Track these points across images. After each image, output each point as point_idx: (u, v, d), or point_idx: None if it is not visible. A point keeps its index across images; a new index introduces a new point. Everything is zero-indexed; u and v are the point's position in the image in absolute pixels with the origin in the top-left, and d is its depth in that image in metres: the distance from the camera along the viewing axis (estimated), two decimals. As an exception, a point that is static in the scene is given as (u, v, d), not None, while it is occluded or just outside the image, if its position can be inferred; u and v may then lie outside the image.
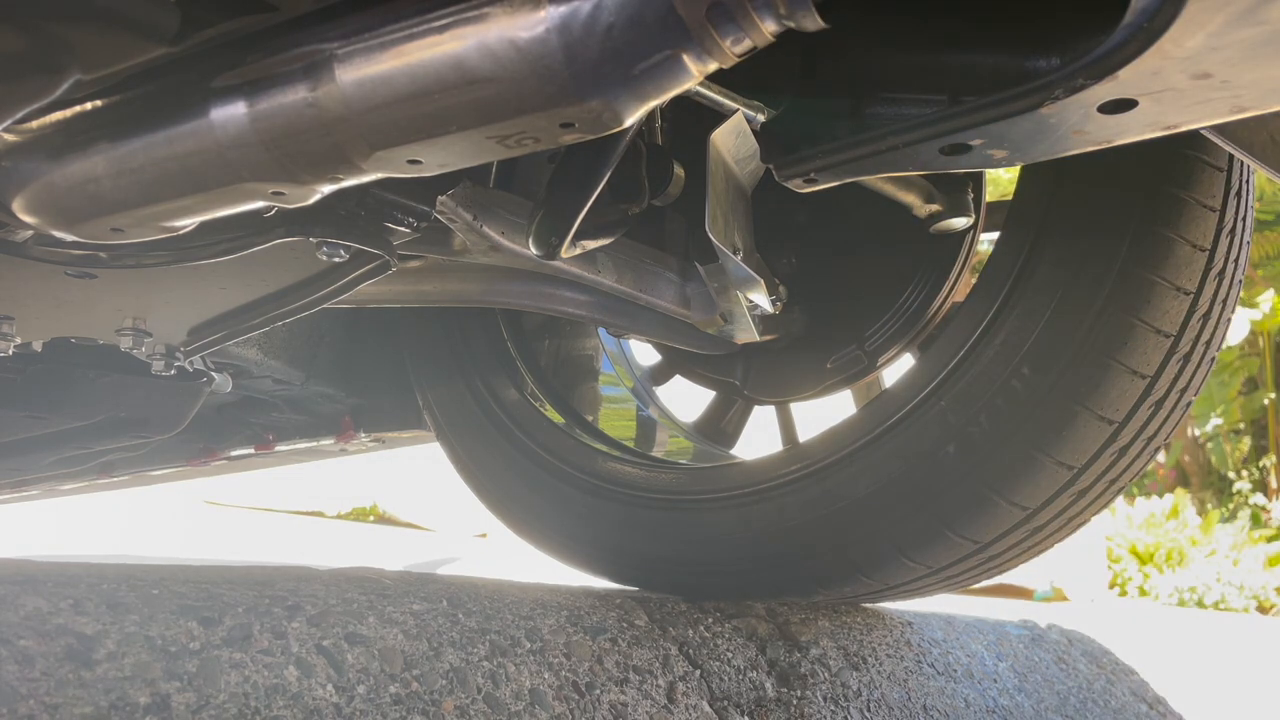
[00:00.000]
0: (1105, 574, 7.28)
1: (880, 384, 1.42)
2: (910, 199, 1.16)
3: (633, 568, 1.33)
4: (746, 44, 0.60)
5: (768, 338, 1.24)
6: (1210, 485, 8.39)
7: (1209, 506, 8.21)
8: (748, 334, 1.21)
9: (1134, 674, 1.52)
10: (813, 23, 0.59)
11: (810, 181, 0.83)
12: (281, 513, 6.69)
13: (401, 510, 7.19)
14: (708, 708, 0.98)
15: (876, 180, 1.10)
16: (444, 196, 0.98)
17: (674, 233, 1.23)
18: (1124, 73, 0.58)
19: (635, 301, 1.18)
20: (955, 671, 1.24)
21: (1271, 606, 7.01)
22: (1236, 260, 1.05)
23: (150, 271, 1.00)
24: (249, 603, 0.80)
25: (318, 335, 1.64)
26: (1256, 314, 7.51)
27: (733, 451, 1.55)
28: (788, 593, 1.21)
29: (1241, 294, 1.10)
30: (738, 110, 0.95)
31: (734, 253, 1.01)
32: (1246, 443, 8.08)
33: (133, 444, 1.52)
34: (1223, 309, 1.05)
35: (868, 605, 1.30)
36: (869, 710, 1.09)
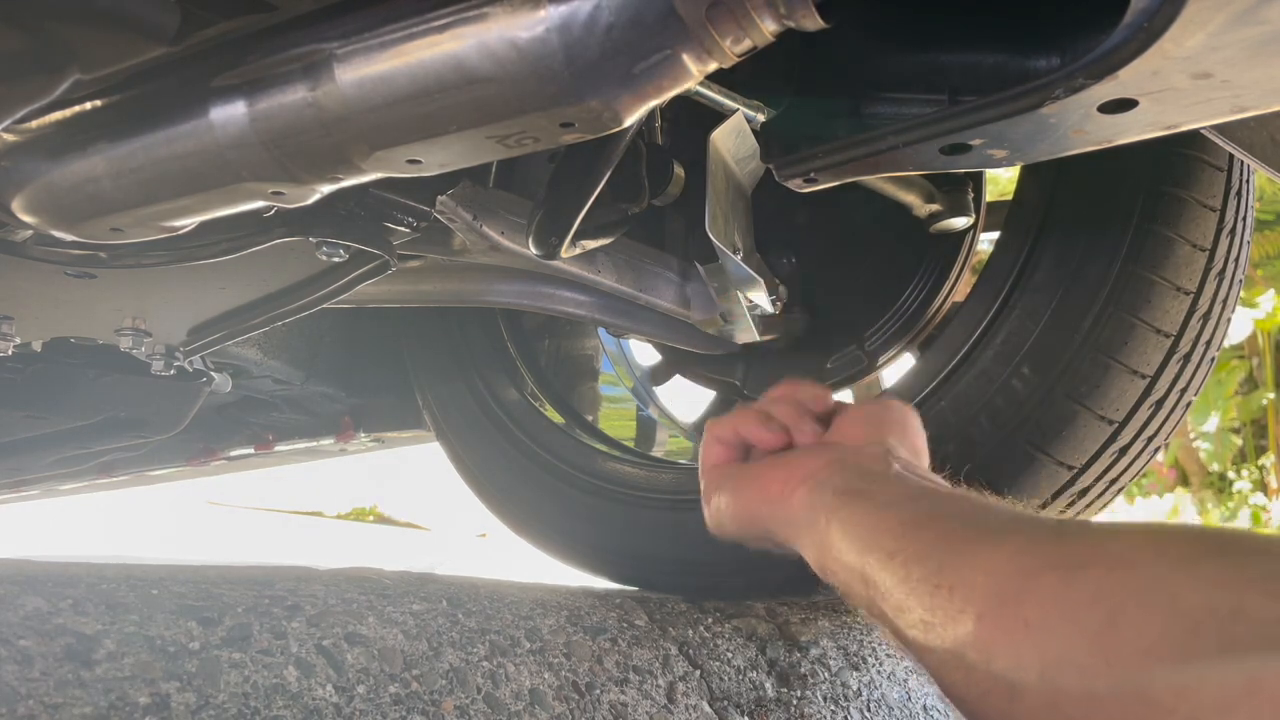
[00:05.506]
0: (1105, 574, 7.23)
1: (880, 384, 1.42)
2: (910, 199, 1.16)
3: (633, 568, 1.33)
4: (746, 44, 0.60)
5: (768, 338, 1.24)
6: (1210, 485, 8.38)
7: (1209, 506, 8.20)
8: (748, 334, 1.21)
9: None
10: (813, 22, 0.59)
11: (810, 181, 0.83)
12: (281, 513, 6.69)
13: (401, 510, 7.19)
14: (708, 708, 0.98)
15: (876, 180, 1.10)
16: (444, 196, 0.98)
17: (674, 233, 1.23)
18: (1124, 72, 0.58)
19: (635, 301, 1.18)
20: (955, 671, 1.24)
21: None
22: (1236, 260, 1.05)
23: (150, 271, 1.00)
24: (249, 603, 0.80)
25: (318, 335, 1.64)
26: (1257, 313, 7.49)
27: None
28: (788, 593, 1.21)
29: (1241, 294, 1.10)
30: (738, 110, 0.95)
31: (734, 253, 1.01)
32: (1238, 441, 8.07)
33: (132, 444, 1.52)
34: (1223, 309, 1.05)
35: (868, 605, 1.30)
36: (869, 710, 1.09)
